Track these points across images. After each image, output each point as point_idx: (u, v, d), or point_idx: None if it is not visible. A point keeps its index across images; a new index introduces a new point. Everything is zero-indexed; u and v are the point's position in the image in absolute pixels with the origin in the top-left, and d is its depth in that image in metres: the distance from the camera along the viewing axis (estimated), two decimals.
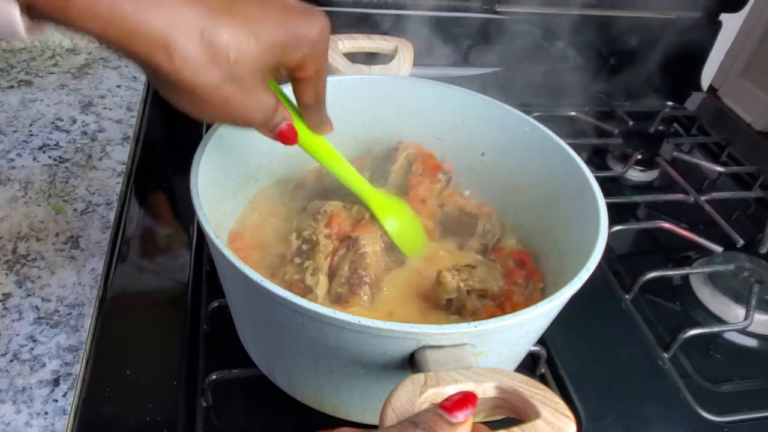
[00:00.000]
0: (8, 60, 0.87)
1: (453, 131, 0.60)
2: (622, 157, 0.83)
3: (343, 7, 0.88)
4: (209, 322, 0.53)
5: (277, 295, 0.34)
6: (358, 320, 0.34)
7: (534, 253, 0.54)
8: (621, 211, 0.74)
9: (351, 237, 0.49)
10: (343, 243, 0.49)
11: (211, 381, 0.47)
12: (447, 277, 0.46)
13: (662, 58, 1.02)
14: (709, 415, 0.52)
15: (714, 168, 0.85)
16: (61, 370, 0.48)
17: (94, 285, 0.55)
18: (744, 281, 0.64)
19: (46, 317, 0.52)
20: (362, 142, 0.62)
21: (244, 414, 0.48)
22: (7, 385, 0.47)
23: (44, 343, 0.50)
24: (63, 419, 0.45)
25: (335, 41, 0.61)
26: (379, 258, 0.49)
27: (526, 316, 0.36)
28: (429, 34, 0.92)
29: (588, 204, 0.46)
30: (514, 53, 0.96)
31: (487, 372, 0.32)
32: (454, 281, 0.46)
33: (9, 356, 0.49)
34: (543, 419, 0.29)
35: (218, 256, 0.38)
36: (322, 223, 0.49)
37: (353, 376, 0.39)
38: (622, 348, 0.57)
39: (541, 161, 0.54)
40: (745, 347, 0.61)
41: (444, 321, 0.47)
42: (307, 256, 0.48)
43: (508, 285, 0.49)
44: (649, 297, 0.63)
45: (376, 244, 0.49)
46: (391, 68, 0.61)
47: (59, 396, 0.46)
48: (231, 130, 0.50)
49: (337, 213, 0.50)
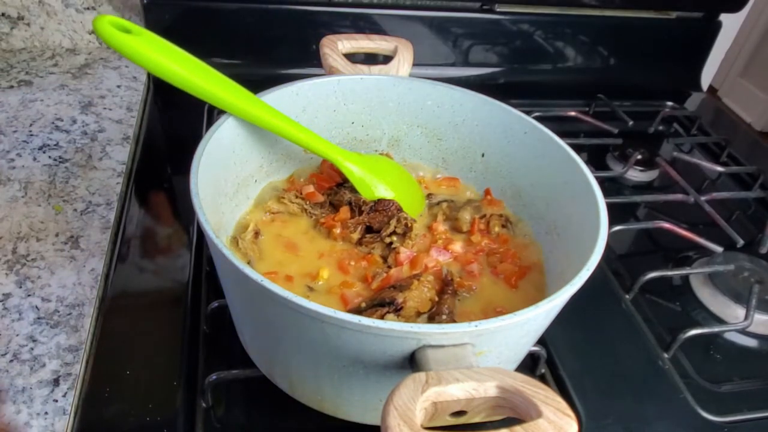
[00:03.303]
0: (8, 60, 0.87)
1: (453, 131, 0.60)
2: (621, 157, 0.83)
3: (343, 7, 0.88)
4: (209, 322, 0.53)
5: (277, 295, 0.34)
6: (358, 320, 0.34)
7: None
8: (621, 211, 0.74)
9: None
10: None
11: (211, 381, 0.47)
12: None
13: (662, 58, 1.03)
14: (709, 415, 0.52)
15: (714, 168, 0.85)
16: (61, 370, 0.48)
17: (94, 285, 0.55)
18: (744, 281, 0.64)
19: (46, 317, 0.52)
20: (362, 142, 0.62)
21: (244, 414, 0.48)
22: (7, 385, 0.47)
23: (44, 343, 0.50)
24: (63, 419, 0.45)
25: (335, 41, 0.61)
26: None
27: (526, 316, 0.36)
28: (429, 34, 0.92)
29: (588, 204, 0.46)
30: (514, 53, 0.96)
31: (488, 371, 0.32)
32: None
33: (9, 356, 0.49)
34: (545, 418, 0.29)
35: (218, 256, 0.38)
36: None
37: (354, 376, 0.39)
38: (622, 348, 0.57)
39: (541, 161, 0.54)
40: (745, 347, 0.61)
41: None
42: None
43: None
44: (649, 297, 0.63)
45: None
46: (391, 68, 0.61)
47: (59, 396, 0.46)
48: (231, 130, 0.50)
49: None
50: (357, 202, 0.54)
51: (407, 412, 0.29)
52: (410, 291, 0.46)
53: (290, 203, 0.54)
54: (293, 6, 0.86)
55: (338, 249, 0.52)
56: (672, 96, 1.02)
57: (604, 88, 0.96)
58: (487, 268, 0.52)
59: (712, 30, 1.02)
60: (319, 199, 0.55)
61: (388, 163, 0.59)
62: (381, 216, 0.52)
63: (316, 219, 0.54)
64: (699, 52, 1.04)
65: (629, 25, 0.99)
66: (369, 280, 0.49)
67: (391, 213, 0.53)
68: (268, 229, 0.53)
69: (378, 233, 0.53)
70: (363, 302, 0.47)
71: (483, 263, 0.53)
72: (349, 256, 0.51)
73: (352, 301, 0.47)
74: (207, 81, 0.47)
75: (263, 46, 0.88)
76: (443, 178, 0.62)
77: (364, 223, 0.53)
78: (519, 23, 0.94)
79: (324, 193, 0.56)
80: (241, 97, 0.49)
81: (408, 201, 0.56)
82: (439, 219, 0.56)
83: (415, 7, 0.90)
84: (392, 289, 0.47)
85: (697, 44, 1.03)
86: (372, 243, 0.53)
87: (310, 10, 0.87)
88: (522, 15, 0.94)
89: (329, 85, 0.57)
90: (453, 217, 0.56)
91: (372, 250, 0.52)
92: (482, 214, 0.56)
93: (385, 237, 0.52)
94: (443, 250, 0.53)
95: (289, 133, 0.51)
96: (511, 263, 0.52)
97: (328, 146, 0.54)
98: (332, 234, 0.53)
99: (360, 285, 0.49)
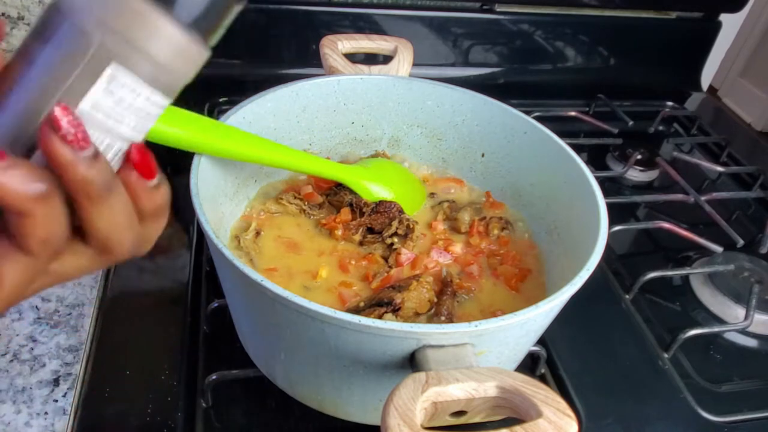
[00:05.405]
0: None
1: (453, 131, 0.60)
2: (621, 157, 0.83)
3: (343, 7, 0.88)
4: (209, 322, 0.53)
5: (277, 295, 0.34)
6: (358, 320, 0.34)
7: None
8: (621, 211, 0.74)
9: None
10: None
11: (211, 381, 0.47)
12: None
13: (662, 58, 1.03)
14: (709, 415, 0.52)
15: (714, 168, 0.85)
16: (61, 370, 0.48)
17: (94, 285, 0.55)
18: (744, 281, 0.64)
19: (46, 317, 0.52)
20: (362, 143, 0.62)
21: (244, 414, 0.48)
22: (7, 385, 0.47)
23: (44, 343, 0.50)
24: (63, 419, 0.45)
25: (335, 41, 0.61)
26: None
27: (526, 316, 0.36)
28: (429, 34, 0.92)
29: (588, 204, 0.46)
30: (514, 53, 0.96)
31: (488, 371, 0.32)
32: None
33: (9, 356, 0.49)
34: (545, 418, 0.29)
35: (218, 256, 0.38)
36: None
37: (354, 376, 0.39)
38: (622, 348, 0.57)
39: (541, 161, 0.54)
40: (745, 347, 0.61)
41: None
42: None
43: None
44: (649, 297, 0.63)
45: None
46: (391, 68, 0.61)
47: (59, 396, 0.46)
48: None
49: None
50: (358, 204, 0.54)
51: (407, 412, 0.29)
52: (409, 292, 0.46)
53: (289, 204, 0.54)
54: (293, 6, 0.86)
55: (339, 249, 0.52)
56: (672, 96, 1.02)
57: (604, 88, 0.96)
58: (487, 270, 0.52)
59: (712, 30, 1.02)
60: (318, 200, 0.55)
61: (386, 165, 0.59)
62: (382, 217, 0.52)
63: (316, 220, 0.55)
64: (699, 52, 1.04)
65: (629, 25, 0.99)
66: (369, 279, 0.49)
67: (393, 215, 0.52)
68: (268, 228, 0.53)
69: (379, 234, 0.53)
70: (361, 302, 0.47)
71: (483, 265, 0.53)
72: (350, 255, 0.51)
73: (350, 300, 0.48)
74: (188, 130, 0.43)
75: (263, 46, 0.88)
76: (447, 178, 0.62)
77: (366, 224, 0.53)
78: (519, 23, 0.94)
79: (323, 193, 0.56)
80: (209, 130, 0.45)
81: (408, 200, 0.56)
82: (439, 218, 0.56)
83: (415, 7, 0.90)
84: (391, 289, 0.47)
85: (697, 44, 1.03)
86: (373, 243, 0.53)
87: (310, 10, 0.87)
88: (522, 15, 0.94)
89: (329, 85, 0.57)
90: (453, 217, 0.56)
91: (373, 250, 0.52)
92: (482, 216, 0.56)
93: (387, 238, 0.52)
94: (443, 251, 0.53)
95: (279, 161, 0.50)
96: (512, 265, 0.52)
97: (323, 164, 0.53)
98: (334, 234, 0.53)
99: (358, 285, 0.49)
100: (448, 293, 0.48)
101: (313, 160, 0.53)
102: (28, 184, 0.24)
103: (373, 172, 0.56)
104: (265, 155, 0.49)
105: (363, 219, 0.53)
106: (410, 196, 0.57)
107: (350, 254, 0.52)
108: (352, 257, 0.51)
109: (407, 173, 0.59)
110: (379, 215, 0.53)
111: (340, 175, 0.54)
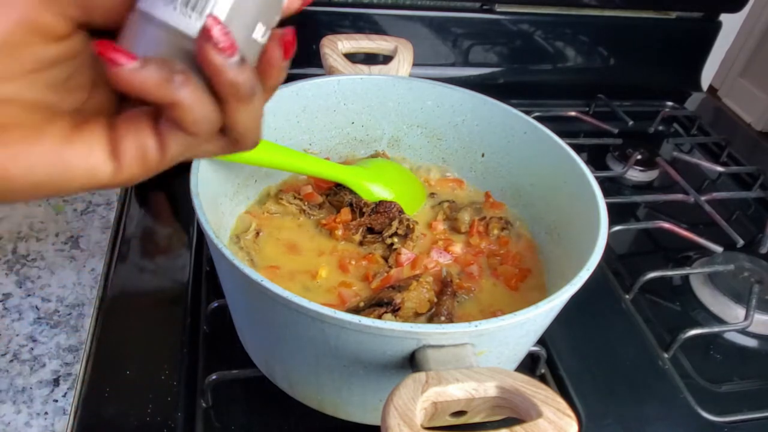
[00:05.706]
0: None
1: (453, 131, 0.60)
2: (621, 157, 0.83)
3: (343, 7, 0.88)
4: (209, 322, 0.53)
5: (277, 295, 0.34)
6: (358, 320, 0.34)
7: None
8: (621, 211, 0.74)
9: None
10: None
11: (211, 381, 0.47)
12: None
13: (662, 58, 1.03)
14: (709, 415, 0.52)
15: (714, 168, 0.85)
16: (61, 370, 0.48)
17: (94, 285, 0.55)
18: (744, 281, 0.64)
19: (46, 317, 0.52)
20: (362, 143, 0.62)
21: (244, 414, 0.48)
22: (7, 385, 0.47)
23: (44, 343, 0.50)
24: (63, 419, 0.45)
25: (335, 41, 0.61)
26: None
27: (526, 316, 0.36)
28: (429, 34, 0.92)
29: (588, 204, 0.46)
30: (514, 53, 0.96)
31: (488, 371, 0.32)
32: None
33: (9, 356, 0.49)
34: (545, 418, 0.29)
35: (218, 256, 0.38)
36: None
37: (354, 376, 0.39)
38: (622, 348, 0.57)
39: (541, 161, 0.54)
40: (745, 347, 0.61)
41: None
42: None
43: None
44: (649, 297, 0.63)
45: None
46: (391, 68, 0.61)
47: (59, 396, 0.46)
48: None
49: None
50: (358, 204, 0.54)
51: (407, 412, 0.29)
52: (408, 292, 0.46)
53: (289, 204, 0.54)
54: None
55: (340, 248, 0.52)
56: (672, 96, 1.02)
57: (604, 88, 0.96)
58: (487, 270, 0.52)
59: (712, 30, 1.02)
60: (318, 200, 0.56)
61: (386, 165, 0.59)
62: (382, 217, 0.53)
63: (316, 220, 0.55)
64: (699, 52, 1.04)
65: (629, 25, 0.99)
66: (369, 279, 0.49)
67: (393, 215, 0.53)
68: (268, 228, 0.53)
69: (379, 234, 0.53)
70: (361, 302, 0.47)
71: (483, 265, 0.53)
72: (350, 255, 0.52)
73: (350, 300, 0.48)
74: None
75: None
76: (448, 178, 0.62)
77: (366, 224, 0.53)
78: (519, 23, 0.94)
79: (322, 193, 0.56)
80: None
81: (408, 200, 0.56)
82: (439, 218, 0.56)
83: (415, 7, 0.90)
84: (391, 289, 0.47)
85: (697, 44, 1.03)
86: (373, 243, 0.53)
87: (310, 10, 0.87)
88: (522, 15, 0.94)
89: (329, 85, 0.57)
90: (453, 217, 0.56)
91: (373, 250, 0.52)
92: (482, 216, 0.56)
93: (387, 238, 0.52)
94: (443, 251, 0.53)
95: (280, 163, 0.51)
96: (512, 265, 0.52)
97: (323, 165, 0.54)
98: (334, 235, 0.53)
99: (358, 285, 0.49)
100: (448, 293, 0.48)
101: (313, 161, 0.53)
102: (165, 76, 0.26)
103: (373, 172, 0.56)
104: (264, 157, 0.49)
105: (363, 219, 0.53)
106: (410, 196, 0.57)
107: (350, 254, 0.52)
108: (352, 257, 0.51)
109: (407, 173, 0.59)
110: (379, 215, 0.53)
111: (340, 175, 0.54)
